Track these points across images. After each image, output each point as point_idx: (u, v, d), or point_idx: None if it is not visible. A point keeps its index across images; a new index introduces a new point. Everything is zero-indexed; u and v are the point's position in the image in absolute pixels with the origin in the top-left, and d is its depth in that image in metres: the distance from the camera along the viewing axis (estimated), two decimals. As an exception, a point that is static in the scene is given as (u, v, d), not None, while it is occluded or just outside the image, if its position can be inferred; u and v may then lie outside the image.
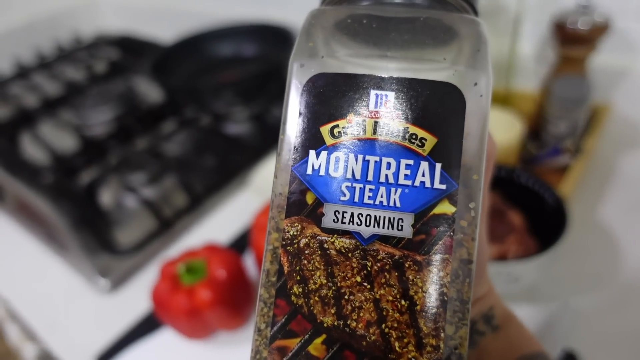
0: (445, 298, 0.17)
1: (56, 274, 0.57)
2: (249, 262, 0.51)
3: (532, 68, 0.64)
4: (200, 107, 0.76)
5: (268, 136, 0.70)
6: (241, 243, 0.55)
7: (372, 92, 0.19)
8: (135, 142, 0.77)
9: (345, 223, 0.18)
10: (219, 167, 0.63)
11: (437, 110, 0.18)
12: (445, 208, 0.18)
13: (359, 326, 0.18)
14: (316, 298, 0.18)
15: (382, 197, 0.18)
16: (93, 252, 0.55)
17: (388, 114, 0.19)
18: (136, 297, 0.52)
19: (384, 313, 0.18)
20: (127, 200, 0.65)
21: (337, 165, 0.19)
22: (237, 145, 0.67)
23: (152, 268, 0.55)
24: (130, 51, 1.08)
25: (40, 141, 0.75)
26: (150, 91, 0.92)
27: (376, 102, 0.19)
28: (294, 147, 0.19)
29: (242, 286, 0.43)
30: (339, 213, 0.18)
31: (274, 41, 0.81)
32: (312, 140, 0.19)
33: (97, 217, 0.61)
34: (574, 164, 0.52)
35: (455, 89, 0.18)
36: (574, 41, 0.51)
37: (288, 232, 0.19)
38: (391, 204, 0.18)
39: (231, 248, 0.54)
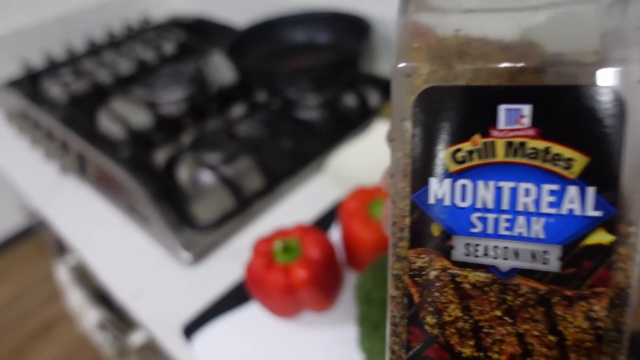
0: (601, 331, 0.16)
1: (138, 245, 0.59)
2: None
3: None
4: (272, 92, 0.77)
5: (341, 124, 0.71)
6: (321, 227, 0.56)
7: (502, 107, 0.16)
8: (208, 123, 0.79)
9: (478, 256, 0.17)
10: (294, 151, 0.64)
11: (588, 122, 0.15)
12: (600, 237, 0.16)
13: (502, 358, 0.17)
14: (452, 330, 0.17)
15: (521, 227, 0.16)
16: (175, 225, 0.57)
17: (522, 132, 0.16)
18: (216, 272, 0.53)
19: (529, 347, 0.17)
20: (204, 177, 0.66)
21: (464, 194, 0.17)
22: (311, 131, 0.68)
23: (230, 245, 0.57)
24: (200, 33, 1.10)
25: (115, 116, 0.77)
26: (221, 73, 0.93)
27: (507, 118, 0.16)
28: (411, 172, 0.17)
29: (334, 268, 0.43)
30: (470, 246, 0.17)
31: (348, 30, 0.81)
32: (432, 167, 0.17)
33: (175, 192, 0.63)
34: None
35: (613, 91, 0.15)
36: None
37: (415, 262, 0.17)
38: (533, 235, 0.16)
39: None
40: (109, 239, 0.61)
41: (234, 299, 0.49)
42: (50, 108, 0.88)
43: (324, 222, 0.56)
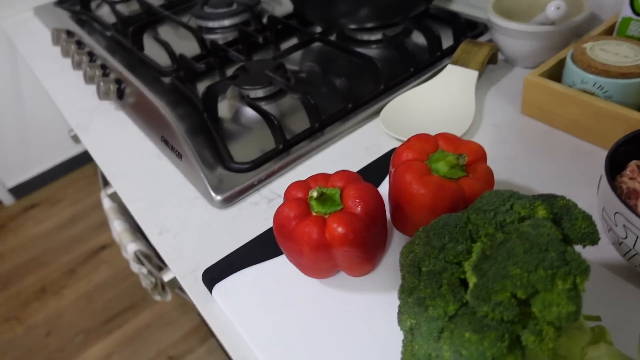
0: None
1: (170, 180, 0.54)
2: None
3: None
4: (329, 23, 0.68)
5: (406, 64, 0.61)
6: (369, 179, 0.48)
7: None
8: (257, 54, 0.72)
9: None
10: (349, 92, 0.56)
11: None
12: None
13: None
14: None
15: None
16: (207, 164, 0.52)
17: None
18: (247, 218, 0.48)
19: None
20: (244, 113, 0.60)
21: None
22: (370, 70, 0.59)
23: (266, 190, 0.51)
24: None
25: (161, 41, 0.71)
26: (276, 1, 0.85)
27: None
28: None
29: (379, 227, 0.36)
30: None
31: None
32: None
33: (214, 127, 0.57)
34: None
35: None
36: None
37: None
38: None
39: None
40: (140, 171, 0.57)
41: (260, 250, 0.43)
42: (96, 29, 0.84)
43: (374, 174, 0.49)
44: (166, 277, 0.70)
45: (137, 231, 0.98)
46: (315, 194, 0.34)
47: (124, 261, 1.58)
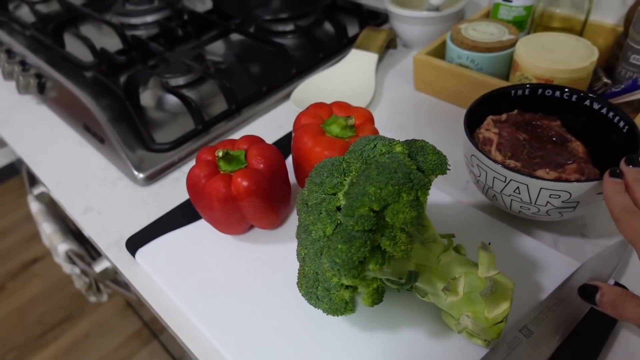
0: None
1: (93, 164, 0.57)
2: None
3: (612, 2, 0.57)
4: (245, 16, 0.72)
5: (316, 52, 0.67)
6: (281, 150, 0.53)
7: None
8: (178, 47, 0.75)
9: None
10: (263, 77, 0.60)
11: None
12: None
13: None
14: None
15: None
16: (129, 146, 0.54)
17: None
18: (170, 193, 0.51)
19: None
20: (166, 100, 0.63)
21: None
22: (283, 58, 0.64)
23: (187, 167, 0.54)
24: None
25: (83, 39, 0.73)
26: (195, -1, 0.88)
27: None
28: None
29: (281, 182, 0.41)
30: None
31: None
32: None
33: (136, 114, 0.60)
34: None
35: None
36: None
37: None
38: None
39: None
40: (63, 159, 0.58)
41: (180, 218, 0.47)
42: (15, 29, 0.83)
43: (286, 145, 0.54)
44: (98, 267, 0.72)
45: (68, 232, 0.97)
46: (220, 154, 0.39)
47: (58, 273, 1.53)
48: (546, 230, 0.42)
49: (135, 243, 0.45)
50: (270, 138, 0.56)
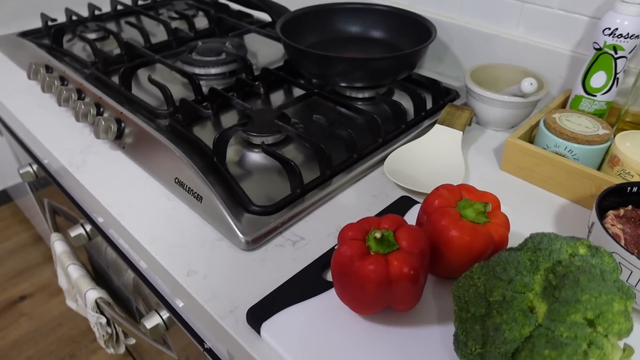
0: None
1: (186, 222, 0.55)
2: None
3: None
4: (323, 78, 0.74)
5: (396, 121, 0.68)
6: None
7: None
8: (254, 102, 0.75)
9: None
10: (353, 143, 0.61)
11: None
12: None
13: None
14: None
15: None
16: (231, 206, 0.53)
17: None
18: (276, 258, 0.50)
19: None
20: (248, 158, 0.63)
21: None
22: (369, 126, 0.65)
23: (288, 232, 0.53)
24: (226, 12, 1.06)
25: (157, 85, 0.72)
26: (263, 52, 0.90)
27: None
28: None
29: (427, 265, 0.41)
30: None
31: (404, 28, 0.79)
32: None
33: (224, 170, 0.59)
34: None
35: None
36: None
37: None
38: None
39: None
40: (151, 212, 0.56)
41: (299, 290, 0.45)
42: (72, 65, 0.82)
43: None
44: (149, 323, 0.68)
45: (92, 278, 0.92)
46: (378, 235, 0.39)
47: (49, 312, 1.43)
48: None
49: (257, 316, 0.43)
50: (368, 208, 0.56)
